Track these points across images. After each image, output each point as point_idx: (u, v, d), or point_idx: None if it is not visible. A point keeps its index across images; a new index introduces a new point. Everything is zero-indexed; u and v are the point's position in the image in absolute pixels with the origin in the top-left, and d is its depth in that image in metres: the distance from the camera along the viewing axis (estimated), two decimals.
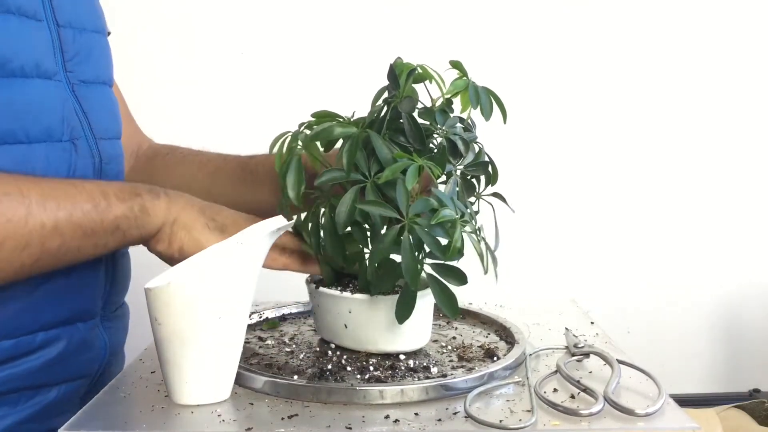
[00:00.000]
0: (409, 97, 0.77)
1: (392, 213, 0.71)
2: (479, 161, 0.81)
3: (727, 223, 1.64)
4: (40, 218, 0.72)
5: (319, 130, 0.77)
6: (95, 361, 0.87)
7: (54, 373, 0.81)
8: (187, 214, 0.79)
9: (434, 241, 0.71)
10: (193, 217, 0.79)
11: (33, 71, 0.78)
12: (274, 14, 1.54)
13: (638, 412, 0.66)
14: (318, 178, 0.75)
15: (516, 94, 1.16)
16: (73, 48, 0.85)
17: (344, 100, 0.89)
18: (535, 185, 1.59)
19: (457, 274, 0.73)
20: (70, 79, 0.84)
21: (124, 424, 0.66)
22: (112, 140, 0.89)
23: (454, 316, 0.74)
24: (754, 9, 1.60)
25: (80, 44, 0.86)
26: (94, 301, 0.86)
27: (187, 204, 0.80)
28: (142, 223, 0.78)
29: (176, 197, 0.81)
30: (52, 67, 0.81)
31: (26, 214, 0.71)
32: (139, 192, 0.78)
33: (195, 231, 0.79)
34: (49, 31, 0.82)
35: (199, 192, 0.97)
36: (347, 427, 0.65)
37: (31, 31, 0.79)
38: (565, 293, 1.12)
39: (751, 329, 1.66)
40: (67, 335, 0.82)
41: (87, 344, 0.85)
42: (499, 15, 1.57)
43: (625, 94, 1.60)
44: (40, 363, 0.80)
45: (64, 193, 0.74)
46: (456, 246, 0.71)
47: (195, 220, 0.79)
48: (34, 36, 0.80)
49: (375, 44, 1.53)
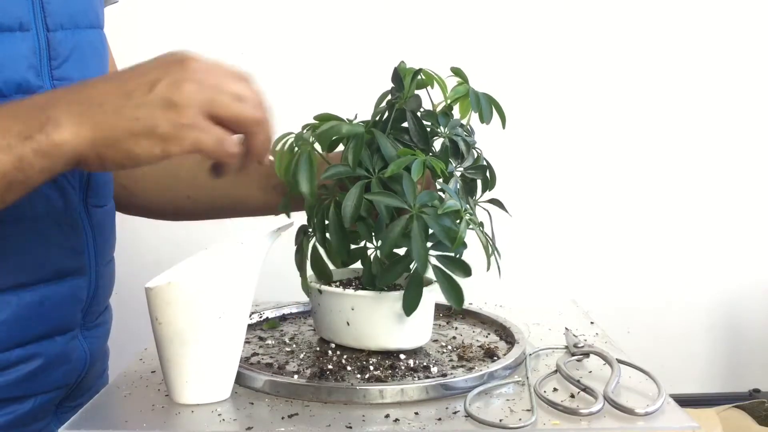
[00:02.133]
0: (415, 95, 0.78)
1: (400, 202, 0.72)
2: (478, 165, 0.83)
3: (727, 223, 1.64)
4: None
5: (326, 129, 0.77)
6: (73, 372, 0.84)
7: (30, 386, 0.79)
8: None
9: (443, 228, 0.71)
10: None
11: (14, 90, 0.74)
12: (275, 15, 1.54)
13: (638, 412, 0.66)
14: (324, 173, 0.75)
15: (515, 98, 1.16)
16: (62, 53, 0.80)
17: (345, 103, 0.89)
18: (535, 186, 1.59)
19: (463, 266, 0.74)
20: (57, 87, 0.79)
21: (124, 423, 0.66)
22: None
23: (459, 307, 0.75)
24: (754, 9, 1.60)
25: (71, 46, 0.81)
26: (74, 315, 0.84)
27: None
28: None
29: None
30: (35, 82, 0.77)
31: None
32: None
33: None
34: (37, 39, 0.77)
35: (186, 180, 0.94)
36: (347, 426, 0.65)
37: (13, 45, 0.75)
38: (565, 293, 1.12)
39: (751, 329, 1.66)
40: (44, 350, 0.80)
41: (65, 356, 0.83)
42: (498, 21, 1.57)
43: (624, 94, 1.60)
44: (15, 377, 0.78)
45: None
46: (461, 236, 0.72)
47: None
48: (17, 50, 0.75)
49: (376, 48, 1.53)
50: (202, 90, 0.64)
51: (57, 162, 0.63)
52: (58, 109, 0.63)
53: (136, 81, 0.65)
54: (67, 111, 0.63)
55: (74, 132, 0.63)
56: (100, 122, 0.63)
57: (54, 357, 0.81)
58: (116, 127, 0.63)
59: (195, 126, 0.64)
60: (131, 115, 0.63)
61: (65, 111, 0.63)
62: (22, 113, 0.64)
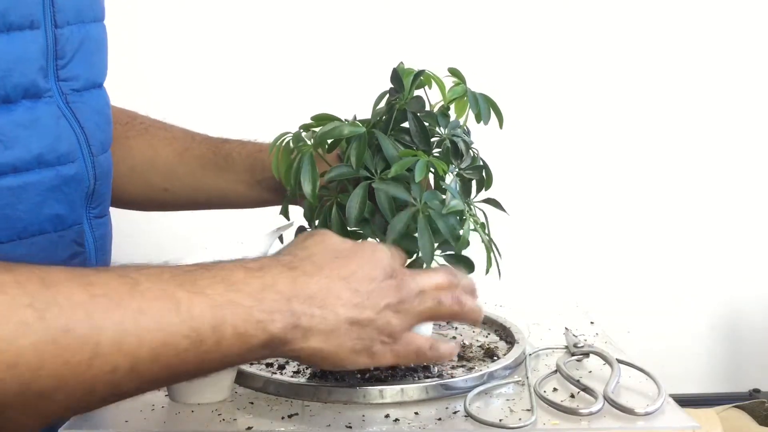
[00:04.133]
0: (417, 96, 0.78)
1: (407, 195, 0.72)
2: (475, 165, 0.83)
3: (728, 224, 1.64)
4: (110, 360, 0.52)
5: (327, 129, 0.77)
6: None
7: None
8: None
9: (449, 227, 0.71)
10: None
11: (22, 94, 0.71)
12: (275, 15, 1.54)
13: (638, 412, 0.66)
14: (327, 174, 0.75)
15: (514, 99, 1.16)
16: (69, 50, 0.77)
17: (342, 103, 0.89)
18: (534, 186, 1.59)
19: (466, 261, 0.74)
20: (62, 89, 0.76)
21: (124, 423, 0.66)
22: (106, 154, 0.83)
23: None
24: (754, 9, 1.60)
25: (77, 42, 0.79)
26: None
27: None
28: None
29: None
30: (43, 84, 0.74)
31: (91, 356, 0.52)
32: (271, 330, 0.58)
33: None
34: (45, 37, 0.74)
35: (163, 171, 0.91)
36: (347, 426, 0.65)
37: (24, 46, 0.72)
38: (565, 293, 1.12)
39: (751, 329, 1.66)
40: None
41: None
42: (495, 22, 1.57)
43: (625, 98, 1.60)
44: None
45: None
46: (465, 237, 0.72)
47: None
48: (28, 50, 0.72)
49: (372, 48, 1.53)
50: (418, 314, 0.65)
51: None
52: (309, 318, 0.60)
53: (364, 292, 0.63)
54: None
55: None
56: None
57: None
58: (343, 347, 0.62)
59: (404, 344, 0.64)
60: (356, 335, 0.62)
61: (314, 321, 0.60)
62: (268, 301, 0.58)
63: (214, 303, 0.56)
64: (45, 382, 0.50)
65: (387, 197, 0.73)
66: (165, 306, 0.54)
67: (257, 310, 0.57)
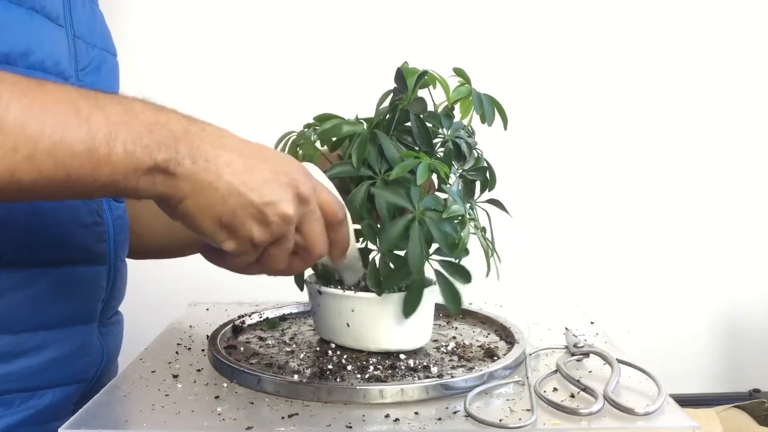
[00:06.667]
0: (420, 98, 0.78)
1: (405, 202, 0.72)
2: (479, 166, 0.82)
3: (728, 224, 1.64)
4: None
5: (327, 128, 0.77)
6: (92, 366, 0.86)
7: (50, 376, 0.81)
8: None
9: (444, 236, 0.71)
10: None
11: (53, 68, 0.77)
12: (279, 15, 1.54)
13: (638, 412, 0.66)
14: (328, 172, 0.75)
15: (517, 100, 1.16)
16: (86, 59, 0.85)
17: (345, 103, 0.89)
18: (537, 187, 1.59)
19: (463, 272, 0.74)
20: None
21: (124, 423, 0.66)
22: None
23: (456, 312, 0.76)
24: (754, 9, 1.60)
25: (92, 57, 0.86)
26: (95, 303, 0.86)
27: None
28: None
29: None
30: (68, 71, 0.81)
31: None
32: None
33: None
34: (67, 37, 0.82)
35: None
36: (347, 426, 0.65)
37: (52, 31, 0.79)
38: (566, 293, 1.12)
39: (751, 329, 1.66)
40: (66, 337, 0.82)
41: (85, 348, 0.85)
42: (500, 23, 1.57)
43: (626, 100, 1.60)
44: (37, 363, 0.79)
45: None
46: (464, 244, 0.72)
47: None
48: (55, 37, 0.79)
49: (376, 48, 1.53)
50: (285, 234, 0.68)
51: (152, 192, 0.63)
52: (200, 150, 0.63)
53: (276, 171, 0.66)
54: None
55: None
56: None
57: (75, 346, 0.82)
58: (211, 209, 0.64)
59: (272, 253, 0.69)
60: (230, 208, 0.64)
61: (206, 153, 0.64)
62: (157, 134, 0.62)
63: (110, 120, 0.60)
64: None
65: (386, 203, 0.73)
66: (66, 108, 0.59)
67: (146, 137, 0.61)
